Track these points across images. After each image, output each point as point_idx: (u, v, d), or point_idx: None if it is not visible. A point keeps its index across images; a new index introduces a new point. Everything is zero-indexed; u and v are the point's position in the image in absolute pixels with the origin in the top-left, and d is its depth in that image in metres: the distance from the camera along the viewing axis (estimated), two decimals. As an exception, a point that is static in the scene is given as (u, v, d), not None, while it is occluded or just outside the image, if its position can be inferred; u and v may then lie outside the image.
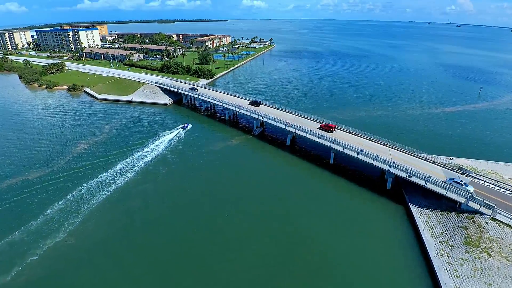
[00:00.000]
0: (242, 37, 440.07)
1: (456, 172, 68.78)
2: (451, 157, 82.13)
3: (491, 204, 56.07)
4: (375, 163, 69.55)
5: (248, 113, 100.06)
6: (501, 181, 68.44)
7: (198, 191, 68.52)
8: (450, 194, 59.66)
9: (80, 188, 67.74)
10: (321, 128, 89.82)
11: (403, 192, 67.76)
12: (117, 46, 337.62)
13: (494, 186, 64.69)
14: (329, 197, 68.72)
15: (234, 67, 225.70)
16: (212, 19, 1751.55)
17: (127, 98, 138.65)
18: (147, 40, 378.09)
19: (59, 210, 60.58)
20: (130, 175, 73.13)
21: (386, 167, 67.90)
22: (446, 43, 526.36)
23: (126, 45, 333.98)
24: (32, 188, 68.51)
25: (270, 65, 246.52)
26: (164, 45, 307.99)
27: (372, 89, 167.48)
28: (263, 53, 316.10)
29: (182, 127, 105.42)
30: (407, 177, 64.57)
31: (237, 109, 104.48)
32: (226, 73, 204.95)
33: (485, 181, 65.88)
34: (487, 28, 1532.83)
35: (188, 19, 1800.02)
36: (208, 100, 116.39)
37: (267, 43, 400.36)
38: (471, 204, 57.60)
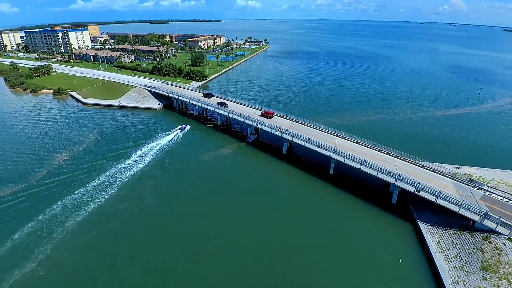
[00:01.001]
0: (236, 37, 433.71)
1: (467, 184, 63.44)
2: (458, 166, 77.23)
3: (509, 223, 50.82)
4: (380, 175, 64.01)
5: (242, 119, 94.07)
6: (514, 193, 63.33)
7: (186, 211, 62.01)
8: (463, 211, 54.30)
9: (54, 207, 61.05)
10: (261, 115, 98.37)
11: (410, 207, 62.31)
12: (108, 47, 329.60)
13: (508, 200, 59.39)
14: (329, 213, 62.93)
15: (228, 68, 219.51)
16: (207, 19, 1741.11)
17: (115, 102, 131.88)
18: (139, 41, 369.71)
19: (29, 234, 54.02)
20: (111, 191, 66.62)
21: (392, 180, 62.38)
22: (441, 43, 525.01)
23: (117, 46, 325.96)
24: (0, 207, 61.81)
25: (265, 66, 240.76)
26: (156, 46, 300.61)
27: (370, 91, 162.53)
28: (257, 54, 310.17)
29: (180, 129, 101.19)
30: (415, 192, 59.07)
31: (230, 115, 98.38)
32: (219, 75, 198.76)
33: (498, 195, 60.58)
34: (480, 28, 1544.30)
35: (182, 19, 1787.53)
36: (200, 104, 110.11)
37: (261, 43, 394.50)
38: (486, 222, 52.29)
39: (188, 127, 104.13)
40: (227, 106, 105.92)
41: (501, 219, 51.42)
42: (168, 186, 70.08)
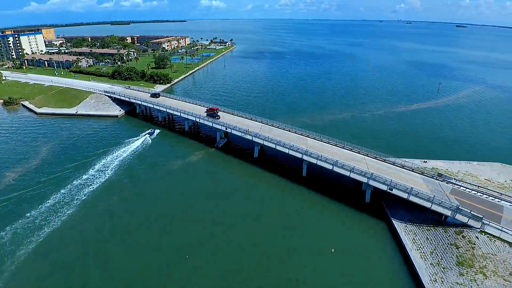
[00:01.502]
0: (201, 38, 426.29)
1: (436, 179, 64.31)
2: (425, 160, 78.93)
3: (479, 216, 51.57)
4: (352, 175, 63.24)
5: (210, 124, 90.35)
6: (480, 185, 65.14)
7: (153, 230, 57.12)
8: (435, 207, 54.55)
9: (2, 233, 53.98)
10: (207, 112, 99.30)
11: (384, 205, 62.09)
12: (64, 51, 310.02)
13: (476, 192, 60.77)
14: (304, 217, 61.16)
15: (194, 70, 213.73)
16: (170, 20, 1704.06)
17: (72, 111, 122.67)
18: (97, 44, 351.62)
19: (-29, 268, 47.23)
20: (68, 211, 60.38)
21: (364, 180, 61.80)
22: (400, 40, 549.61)
23: (74, 49, 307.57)
24: None
25: (232, 67, 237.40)
26: (116, 48, 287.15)
27: (337, 89, 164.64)
28: (223, 54, 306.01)
29: (148, 133, 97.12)
30: (387, 190, 58.77)
31: (198, 119, 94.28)
32: (185, 77, 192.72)
33: (466, 188, 61.84)
34: (434, 24, 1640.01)
35: (145, 20, 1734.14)
36: (165, 109, 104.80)
37: (227, 43, 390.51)
38: (458, 216, 52.82)
39: (157, 131, 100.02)
40: (218, 118, 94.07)
41: (472, 212, 52.04)
42: (133, 202, 64.85)
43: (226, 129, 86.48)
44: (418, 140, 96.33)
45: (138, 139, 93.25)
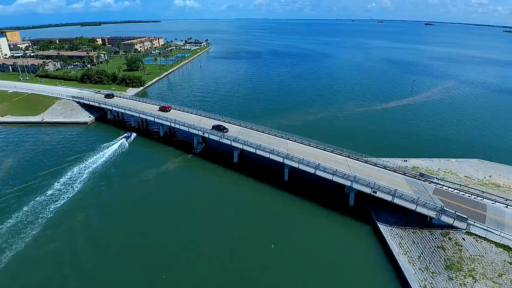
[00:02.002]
0: (176, 39, 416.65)
1: (418, 179, 63.59)
2: (405, 159, 78.71)
3: (464, 216, 50.89)
4: (335, 179, 61.36)
5: (186, 128, 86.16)
6: (462, 183, 65.13)
7: (126, 246, 52.88)
8: (420, 209, 53.51)
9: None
10: (159, 109, 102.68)
11: (368, 208, 60.61)
12: (30, 54, 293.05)
13: (458, 191, 60.42)
14: (287, 223, 58.71)
15: (168, 72, 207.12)
16: (143, 20, 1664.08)
17: (37, 118, 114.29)
18: (66, 46, 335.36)
19: None
20: (32, 232, 54.76)
21: (347, 183, 60.06)
22: (372, 38, 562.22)
23: (41, 52, 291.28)
24: None
25: (208, 67, 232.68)
26: (86, 50, 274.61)
27: (314, 89, 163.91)
28: (199, 55, 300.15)
29: (125, 137, 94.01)
30: (371, 193, 57.24)
31: (173, 124, 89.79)
32: (159, 79, 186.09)
33: (449, 187, 61.40)
34: (404, 23, 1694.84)
35: (117, 21, 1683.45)
36: (138, 114, 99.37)
37: (203, 44, 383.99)
38: (443, 218, 51.94)
39: (134, 134, 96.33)
40: (227, 131, 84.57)
41: (456, 213, 51.30)
42: (103, 217, 59.78)
43: (203, 134, 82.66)
44: (397, 139, 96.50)
45: (110, 147, 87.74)
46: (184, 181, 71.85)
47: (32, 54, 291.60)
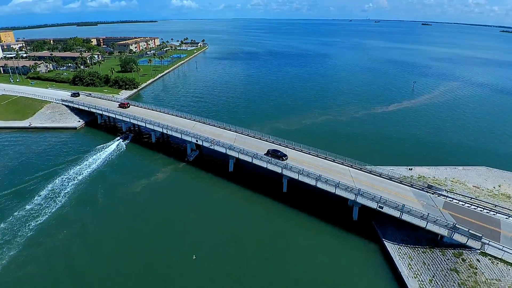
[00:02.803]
0: (172, 39, 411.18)
1: (427, 191, 59.40)
2: (410, 167, 74.68)
3: (478, 235, 46.76)
4: (338, 192, 57.05)
5: (179, 135, 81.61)
6: (472, 195, 61.10)
7: (112, 268, 48.63)
8: (430, 227, 49.29)
9: None
10: (119, 106, 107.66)
11: (373, 223, 56.35)
12: (23, 55, 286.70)
13: (470, 205, 56.27)
14: (287, 240, 54.43)
15: (163, 73, 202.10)
16: (140, 20, 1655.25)
17: (24, 123, 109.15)
18: (60, 47, 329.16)
19: None
20: (10, 252, 50.06)
21: (351, 197, 55.76)
22: (371, 39, 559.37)
23: (34, 53, 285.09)
24: None
25: (204, 69, 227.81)
26: (79, 51, 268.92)
27: (313, 91, 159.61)
28: (195, 56, 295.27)
29: (122, 138, 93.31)
30: (377, 208, 52.96)
31: (165, 130, 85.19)
32: (154, 81, 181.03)
33: (459, 201, 57.24)
34: (401, 23, 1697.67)
35: (113, 21, 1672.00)
36: (128, 119, 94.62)
37: (199, 44, 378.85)
38: (456, 236, 47.75)
39: (131, 135, 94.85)
40: (286, 158, 70.02)
41: (470, 231, 47.15)
42: (85, 236, 55.01)
43: (196, 141, 78.13)
44: (400, 145, 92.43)
45: (97, 154, 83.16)
46: (174, 194, 66.95)
47: (25, 55, 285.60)
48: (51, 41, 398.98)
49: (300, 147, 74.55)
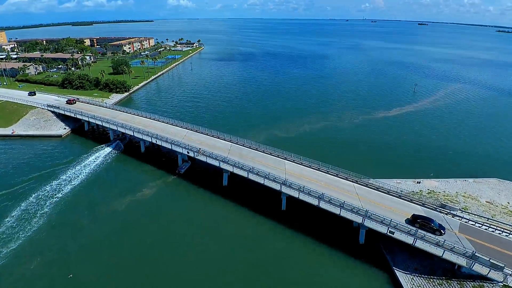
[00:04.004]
0: (167, 39, 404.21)
1: (440, 211, 54.03)
2: (418, 181, 69.54)
3: (500, 265, 41.47)
4: (343, 213, 51.56)
5: (169, 146, 75.78)
6: (487, 213, 55.90)
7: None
8: (447, 256, 43.90)
9: None
10: (67, 103, 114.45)
11: (382, 248, 50.89)
12: (12, 56, 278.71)
13: (488, 227, 50.97)
14: (284, 261, 49.22)
15: (157, 75, 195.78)
16: (136, 20, 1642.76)
17: (6, 131, 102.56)
18: (51, 48, 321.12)
19: None
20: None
21: (358, 220, 50.25)
22: (368, 39, 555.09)
23: (25, 55, 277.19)
24: None
25: (200, 70, 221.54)
26: (70, 52, 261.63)
27: (311, 94, 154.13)
28: (190, 56, 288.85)
29: (120, 139, 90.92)
30: (388, 233, 47.50)
31: (155, 140, 79.32)
32: (147, 84, 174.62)
33: (476, 222, 51.89)
34: (398, 23, 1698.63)
35: (109, 20, 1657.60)
36: (115, 128, 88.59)
37: (194, 44, 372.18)
38: (476, 267, 42.39)
39: (121, 145, 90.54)
40: (444, 233, 48.80)
41: (491, 260, 41.83)
42: (61, 264, 49.27)
43: (188, 153, 72.30)
44: (404, 154, 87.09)
45: (81, 164, 77.38)
46: (162, 212, 60.82)
47: (15, 56, 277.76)
48: (44, 41, 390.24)
49: (300, 159, 68.83)
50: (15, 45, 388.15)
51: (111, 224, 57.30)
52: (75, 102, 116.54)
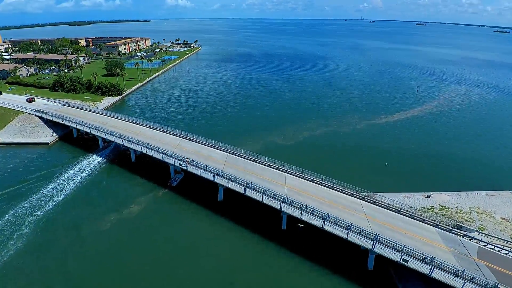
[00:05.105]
0: (164, 39, 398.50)
1: (456, 234, 49.13)
2: (428, 194, 64.70)
3: (530, 300, 36.61)
4: (351, 237, 46.53)
5: (160, 157, 70.60)
6: (506, 235, 51.17)
7: None
8: (469, 288, 39.02)
9: None
10: (27, 101, 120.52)
11: (393, 274, 45.99)
12: (6, 57, 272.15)
13: (508, 251, 46.13)
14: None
15: (152, 77, 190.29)
16: (134, 20, 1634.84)
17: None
18: (45, 48, 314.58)
19: None
20: None
21: (368, 245, 45.24)
22: (367, 39, 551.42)
23: (18, 55, 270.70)
24: None
25: (196, 72, 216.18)
26: (64, 53, 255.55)
27: (310, 97, 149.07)
28: (188, 57, 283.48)
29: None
30: (401, 261, 42.54)
31: (145, 150, 74.11)
32: (141, 86, 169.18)
33: (495, 246, 47.01)
34: (396, 23, 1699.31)
35: (107, 20, 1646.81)
36: (104, 136, 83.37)
37: (192, 45, 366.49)
38: (502, 302, 37.57)
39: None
40: None
41: (519, 296, 37.02)
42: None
43: (180, 165, 67.16)
44: (411, 163, 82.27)
45: (68, 176, 72.21)
46: (150, 232, 55.35)
47: (8, 57, 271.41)
48: (39, 42, 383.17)
49: (302, 172, 63.76)
50: (9, 45, 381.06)
51: (94, 246, 52.02)
52: (34, 100, 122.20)
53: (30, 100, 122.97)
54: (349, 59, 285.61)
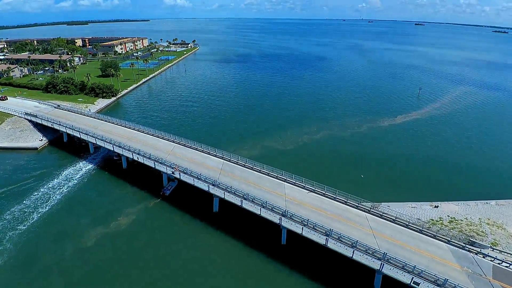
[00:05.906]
0: (161, 39, 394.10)
1: (469, 250, 45.50)
2: (436, 205, 61.20)
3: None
4: (356, 257, 42.77)
5: (151, 164, 66.76)
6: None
7: None
8: (488, 316, 35.39)
9: None
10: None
11: (402, 297, 42.29)
12: (1, 57, 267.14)
13: (526, 271, 42.55)
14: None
15: (149, 77, 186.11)
16: (132, 19, 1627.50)
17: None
18: (40, 48, 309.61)
19: None
20: None
21: (375, 265, 41.54)
22: (366, 39, 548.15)
23: (12, 56, 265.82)
24: None
25: (194, 72, 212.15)
26: (59, 53, 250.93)
27: (310, 99, 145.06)
28: (185, 57, 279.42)
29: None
30: (412, 284, 38.84)
31: (136, 157, 70.17)
32: (137, 87, 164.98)
33: (510, 264, 43.41)
34: (394, 23, 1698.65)
35: (105, 20, 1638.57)
36: (94, 141, 79.41)
37: (189, 45, 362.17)
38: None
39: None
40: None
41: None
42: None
43: (173, 173, 63.35)
44: (415, 170, 78.62)
45: (55, 185, 68.39)
46: (139, 249, 51.48)
47: (2, 57, 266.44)
48: (35, 41, 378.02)
49: (302, 181, 59.98)
50: (5, 45, 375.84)
51: (77, 263, 48.10)
52: (7, 98, 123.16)
53: (2, 99, 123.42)
54: (349, 60, 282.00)
